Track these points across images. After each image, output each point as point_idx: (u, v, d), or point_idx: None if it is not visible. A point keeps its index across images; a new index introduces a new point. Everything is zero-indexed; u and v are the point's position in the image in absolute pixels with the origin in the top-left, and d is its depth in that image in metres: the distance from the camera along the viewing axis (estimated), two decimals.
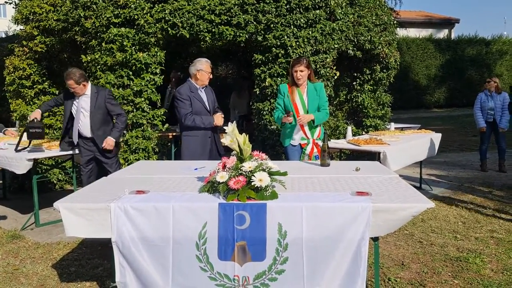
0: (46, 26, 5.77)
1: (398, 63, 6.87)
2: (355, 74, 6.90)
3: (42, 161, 5.69)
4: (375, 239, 2.47)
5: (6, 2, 7.70)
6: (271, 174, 2.45)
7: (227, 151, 3.04)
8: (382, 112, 6.92)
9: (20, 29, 6.27)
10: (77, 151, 4.72)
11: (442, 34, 24.62)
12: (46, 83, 6.30)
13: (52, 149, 4.79)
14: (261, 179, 2.35)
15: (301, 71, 4.13)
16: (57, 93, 6.42)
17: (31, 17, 5.89)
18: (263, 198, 2.35)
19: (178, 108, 4.25)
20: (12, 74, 6.11)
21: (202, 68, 4.25)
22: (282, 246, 2.31)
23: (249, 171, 2.40)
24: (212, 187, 2.52)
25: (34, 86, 6.17)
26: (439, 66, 20.45)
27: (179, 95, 4.23)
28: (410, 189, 2.62)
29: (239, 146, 2.52)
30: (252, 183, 2.34)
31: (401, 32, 16.86)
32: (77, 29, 5.57)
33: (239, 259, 2.32)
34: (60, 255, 3.83)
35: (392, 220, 2.30)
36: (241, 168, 2.42)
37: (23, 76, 6.09)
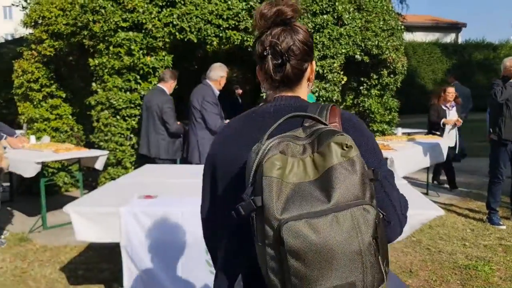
0: (55, 30, 5.81)
1: (405, 68, 6.85)
2: (362, 79, 6.88)
3: (49, 164, 5.71)
4: None
5: (13, 5, 7.75)
6: None
7: None
8: (389, 117, 6.89)
9: (29, 33, 6.32)
10: None
11: (449, 38, 24.52)
12: (54, 86, 6.34)
13: (59, 152, 4.80)
14: None
15: None
16: (64, 96, 6.46)
17: (40, 21, 5.94)
18: None
19: (209, 111, 4.27)
20: (21, 78, 6.15)
21: (224, 75, 4.37)
22: None
23: None
24: None
25: (42, 89, 6.21)
26: (445, 71, 20.36)
27: (211, 99, 4.30)
28: (419, 196, 2.61)
29: None
30: None
31: (408, 36, 16.81)
32: (85, 33, 5.60)
33: None
34: (68, 258, 3.84)
35: None
36: None
37: (31, 80, 6.13)
